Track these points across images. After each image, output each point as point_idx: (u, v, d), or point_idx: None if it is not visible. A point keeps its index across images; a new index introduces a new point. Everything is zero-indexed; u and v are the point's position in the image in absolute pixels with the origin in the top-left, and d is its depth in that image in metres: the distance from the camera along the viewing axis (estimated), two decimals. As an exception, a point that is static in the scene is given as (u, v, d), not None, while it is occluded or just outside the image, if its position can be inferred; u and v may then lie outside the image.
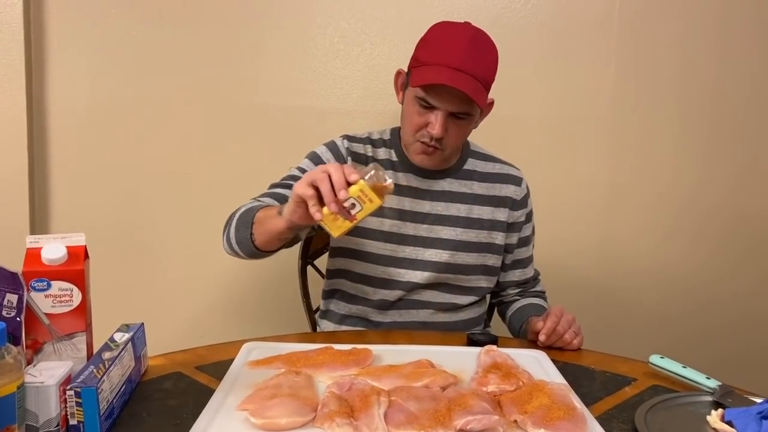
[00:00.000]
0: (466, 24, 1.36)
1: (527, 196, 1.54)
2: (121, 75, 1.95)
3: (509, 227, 1.50)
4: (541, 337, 1.26)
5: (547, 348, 1.27)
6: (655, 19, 2.01)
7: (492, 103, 1.42)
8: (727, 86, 2.04)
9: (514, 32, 1.98)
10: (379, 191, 1.05)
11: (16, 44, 1.88)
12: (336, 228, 1.06)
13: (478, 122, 1.42)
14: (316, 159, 1.45)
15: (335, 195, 1.03)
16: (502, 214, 1.49)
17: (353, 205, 1.04)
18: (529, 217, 1.55)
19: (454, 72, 1.28)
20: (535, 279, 1.59)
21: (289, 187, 1.36)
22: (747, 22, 2.02)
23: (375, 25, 1.96)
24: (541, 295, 1.58)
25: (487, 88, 1.35)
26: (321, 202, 1.05)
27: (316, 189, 1.05)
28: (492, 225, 1.48)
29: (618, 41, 2.00)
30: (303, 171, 1.42)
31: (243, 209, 1.33)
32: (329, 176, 1.04)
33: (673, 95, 2.04)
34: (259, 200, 1.39)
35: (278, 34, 1.96)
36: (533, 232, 1.58)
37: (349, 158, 1.44)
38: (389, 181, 1.06)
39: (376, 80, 1.97)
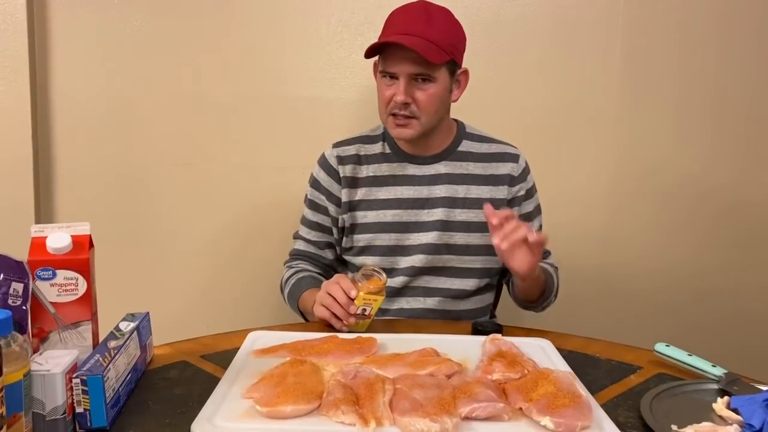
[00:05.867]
0: (420, 1, 1.42)
1: (526, 171, 1.53)
2: (125, 65, 1.95)
3: (509, 203, 1.50)
4: (493, 220, 1.22)
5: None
6: (660, 11, 1.99)
7: (467, 72, 1.46)
8: (733, 78, 2.02)
9: (518, 23, 1.97)
10: (378, 289, 1.24)
11: (20, 35, 1.87)
12: (360, 327, 1.27)
13: (455, 93, 1.45)
14: (315, 184, 1.54)
15: (348, 312, 1.22)
16: (501, 192, 1.49)
17: (364, 309, 1.24)
18: (530, 193, 1.53)
19: (402, 35, 1.33)
20: (543, 254, 1.54)
21: (311, 243, 1.55)
22: (752, 13, 2.00)
23: (379, 15, 1.91)
24: (550, 267, 1.53)
25: (447, 51, 1.37)
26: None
27: (330, 309, 1.25)
28: (492, 204, 1.47)
29: (623, 32, 1.98)
30: (311, 204, 1.54)
31: (287, 289, 1.50)
32: (336, 299, 1.23)
33: (679, 87, 2.02)
34: (292, 266, 1.54)
35: (282, 23, 1.96)
36: (538, 210, 1.56)
37: (339, 166, 1.50)
38: (382, 276, 1.26)
39: (380, 69, 1.96)
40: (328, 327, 1.27)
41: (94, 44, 1.94)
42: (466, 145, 1.51)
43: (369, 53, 1.39)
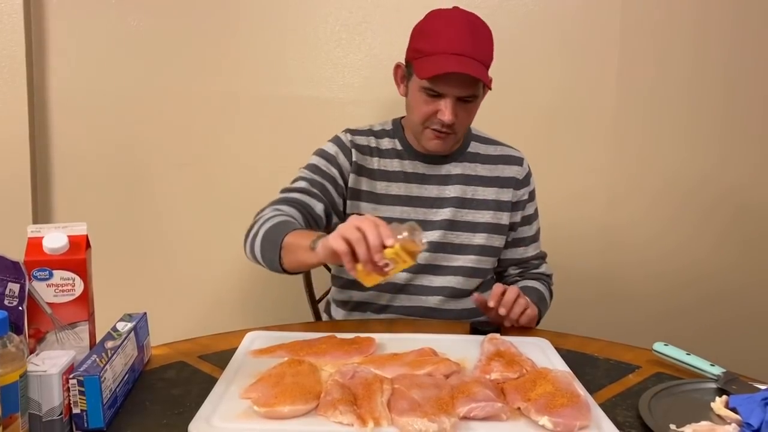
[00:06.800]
0: (457, 9, 1.40)
1: (529, 175, 1.56)
2: (122, 65, 1.95)
3: (513, 206, 1.52)
4: (491, 303, 1.25)
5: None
6: (659, 6, 1.99)
7: (491, 80, 1.44)
8: (734, 73, 2.02)
9: (516, 21, 1.97)
10: (412, 252, 1.04)
11: (17, 35, 1.87)
12: (369, 281, 1.07)
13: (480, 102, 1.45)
14: (324, 154, 1.47)
15: (371, 256, 1.02)
16: (506, 195, 1.51)
17: (386, 264, 1.03)
18: (532, 195, 1.56)
19: (458, 58, 1.31)
20: (537, 258, 1.58)
21: (305, 191, 1.41)
22: (759, 10, 2.00)
23: (377, 14, 1.94)
24: (543, 277, 1.56)
25: (488, 68, 1.39)
26: (355, 257, 1.04)
27: (351, 245, 1.03)
28: (498, 206, 1.50)
29: (622, 29, 1.99)
30: (313, 168, 1.45)
31: (268, 224, 1.30)
32: (365, 237, 1.02)
33: (680, 87, 2.02)
34: (279, 209, 1.37)
35: (279, 23, 1.95)
36: (536, 213, 1.59)
37: (353, 150, 1.46)
38: (423, 243, 1.06)
39: (377, 69, 1.95)
40: (337, 263, 1.09)
41: (92, 44, 1.94)
42: (474, 147, 1.53)
43: (423, 73, 1.34)
